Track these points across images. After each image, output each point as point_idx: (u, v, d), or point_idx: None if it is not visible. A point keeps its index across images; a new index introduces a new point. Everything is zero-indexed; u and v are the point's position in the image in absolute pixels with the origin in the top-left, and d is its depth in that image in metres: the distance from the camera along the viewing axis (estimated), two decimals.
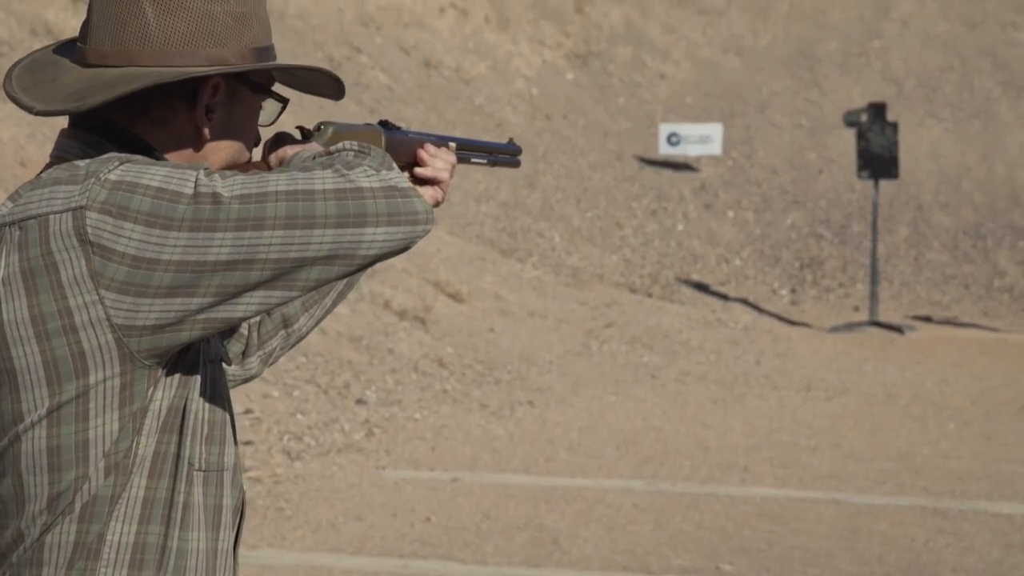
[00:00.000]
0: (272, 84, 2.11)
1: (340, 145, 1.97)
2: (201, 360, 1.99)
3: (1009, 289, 15.21)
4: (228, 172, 1.93)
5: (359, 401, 9.24)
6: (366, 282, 11.02)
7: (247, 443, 8.05)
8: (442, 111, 16.41)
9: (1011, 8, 20.52)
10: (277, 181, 1.88)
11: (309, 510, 7.31)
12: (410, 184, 1.92)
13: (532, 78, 17.87)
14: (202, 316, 1.89)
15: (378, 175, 1.89)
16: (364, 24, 17.15)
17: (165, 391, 1.95)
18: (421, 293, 11.22)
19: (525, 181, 15.68)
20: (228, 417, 2.04)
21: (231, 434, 2.04)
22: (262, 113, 2.09)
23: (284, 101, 2.10)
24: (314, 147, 2.10)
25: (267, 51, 2.05)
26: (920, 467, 8.69)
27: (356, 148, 1.94)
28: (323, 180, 1.87)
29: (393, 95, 16.24)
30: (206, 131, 2.01)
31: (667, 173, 16.54)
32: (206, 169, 1.91)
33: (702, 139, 16.29)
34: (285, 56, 14.79)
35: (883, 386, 11.00)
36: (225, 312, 1.90)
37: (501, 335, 11.11)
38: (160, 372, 1.95)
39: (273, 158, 2.10)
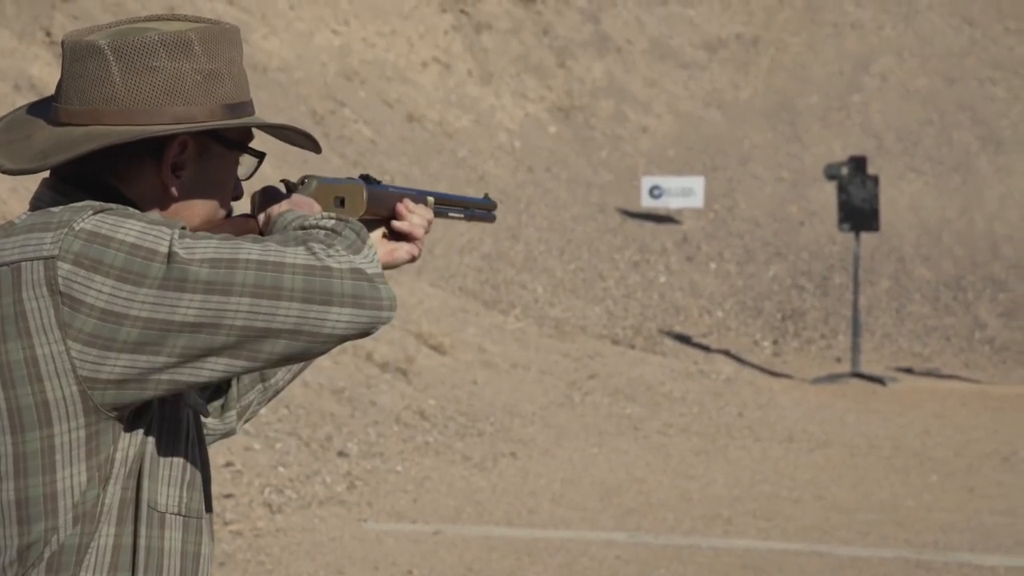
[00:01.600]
0: (250, 139, 2.11)
1: (316, 219, 1.98)
2: (170, 404, 1.98)
3: (990, 341, 15.29)
4: (204, 234, 1.93)
5: (341, 453, 9.19)
6: None
7: (228, 496, 8.00)
8: (425, 164, 16.47)
9: (989, 64, 20.73)
10: (250, 250, 1.89)
11: (290, 564, 7.25)
12: (379, 270, 1.94)
13: (515, 131, 17.99)
14: (166, 376, 1.90)
15: (349, 258, 1.91)
16: (347, 78, 17.22)
17: (133, 438, 1.95)
18: (403, 345, 11.21)
19: (508, 233, 15.74)
20: (200, 463, 2.02)
21: (202, 480, 2.01)
22: (240, 168, 2.09)
23: (260, 156, 2.10)
24: (299, 202, 2.10)
25: (241, 107, 2.05)
26: (903, 519, 8.69)
27: (331, 225, 1.96)
28: (295, 255, 1.89)
29: (376, 148, 16.28)
30: (173, 189, 2.02)
31: (649, 225, 16.67)
32: (183, 228, 1.92)
33: (684, 192, 16.42)
34: (267, 109, 14.88)
35: (865, 437, 11.02)
36: (189, 375, 1.90)
37: (484, 387, 11.09)
38: (128, 420, 1.94)
39: (263, 216, 2.10)
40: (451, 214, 2.43)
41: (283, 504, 8.13)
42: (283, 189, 2.17)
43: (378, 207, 2.26)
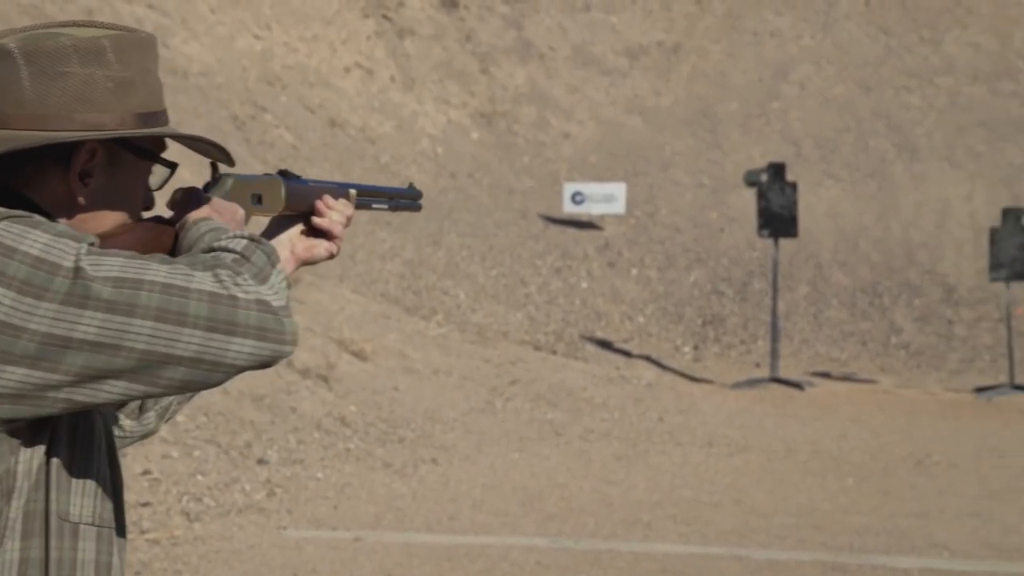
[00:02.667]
0: (162, 149, 2.08)
1: (228, 239, 1.96)
2: (82, 413, 1.95)
3: (905, 346, 15.46)
4: (114, 251, 1.90)
5: (260, 461, 9.12)
6: None
7: (145, 504, 7.91)
8: (347, 170, 16.40)
9: (904, 72, 20.99)
10: (157, 271, 1.86)
11: (208, 572, 7.17)
12: (284, 302, 1.92)
13: (437, 137, 17.96)
14: (63, 395, 1.86)
15: (256, 288, 1.89)
16: (269, 83, 17.11)
17: (36, 450, 1.91)
18: (325, 351, 11.14)
19: (430, 239, 15.71)
20: (113, 472, 1.99)
21: (116, 489, 1.99)
22: (152, 177, 2.07)
23: (172, 166, 2.08)
24: (219, 207, 2.07)
25: (153, 116, 2.02)
26: (820, 522, 8.75)
27: (240, 249, 1.94)
28: (202, 281, 1.87)
29: (298, 154, 16.19)
30: (80, 198, 1.98)
31: (571, 231, 16.69)
32: (92, 244, 1.89)
33: (606, 198, 16.49)
34: (187, 114, 14.73)
35: (783, 442, 11.11)
36: (86, 395, 1.87)
37: (405, 393, 11.06)
38: (30, 432, 1.91)
39: (180, 221, 2.07)
40: (375, 206, 2.40)
41: (201, 512, 8.05)
42: (211, 173, 2.14)
43: (297, 203, 2.22)
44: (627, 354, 14.63)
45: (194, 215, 2.06)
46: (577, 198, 16.42)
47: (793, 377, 13.78)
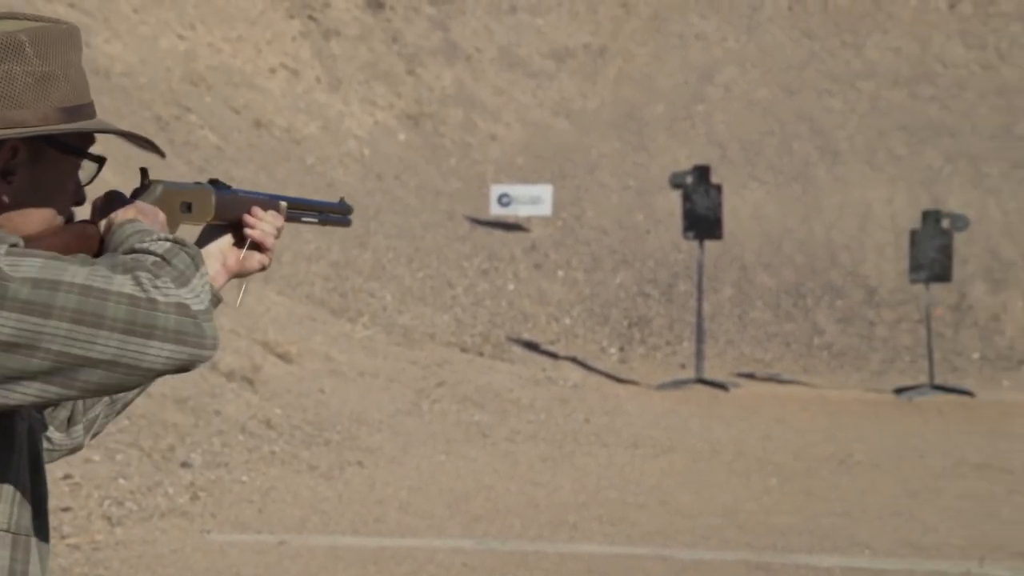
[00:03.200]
0: (90, 143, 2.04)
1: (150, 241, 1.93)
2: (1, 418, 1.91)
3: (828, 347, 15.59)
4: (34, 251, 1.87)
5: (184, 464, 9.04)
6: None
7: (66, 509, 7.80)
8: (272, 171, 16.29)
9: (827, 76, 21.20)
10: (76, 273, 1.84)
11: None
12: (204, 306, 1.90)
13: (364, 138, 17.91)
14: None
15: (176, 292, 1.87)
16: (193, 83, 16.96)
17: None
18: (250, 354, 11.06)
19: (356, 241, 15.64)
20: (34, 479, 1.96)
21: (37, 497, 1.95)
22: (80, 172, 2.03)
23: (100, 161, 2.04)
24: (143, 209, 2.04)
25: (78, 110, 1.99)
26: (744, 522, 8.80)
27: (162, 251, 1.91)
28: (121, 283, 1.84)
29: (223, 155, 16.06)
30: (4, 196, 1.95)
31: (498, 233, 16.70)
32: (13, 245, 1.85)
33: (532, 200, 16.53)
34: (110, 115, 14.58)
35: (708, 443, 11.17)
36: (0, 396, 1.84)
37: (331, 395, 11.00)
38: None
39: (104, 223, 2.04)
40: (305, 219, 2.37)
41: (123, 517, 7.96)
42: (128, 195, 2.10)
43: (228, 213, 2.21)
44: (554, 356, 14.66)
45: (120, 216, 2.03)
46: (504, 200, 16.46)
47: (718, 378, 13.84)
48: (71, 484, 8.18)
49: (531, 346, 14.73)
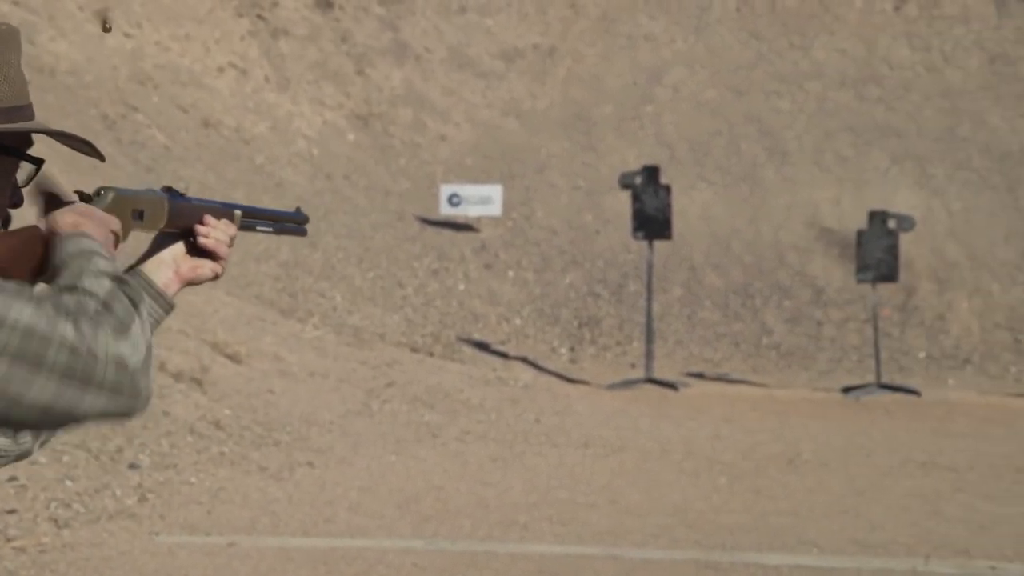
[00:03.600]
0: (28, 145, 2.02)
1: (89, 284, 1.92)
2: None
3: (776, 346, 15.69)
4: None
5: (132, 466, 8.97)
6: None
7: (11, 511, 7.72)
8: (221, 171, 16.20)
9: (775, 77, 21.33)
10: (21, 311, 1.83)
11: None
12: (141, 357, 1.91)
13: (313, 138, 17.86)
14: None
15: (116, 345, 1.88)
16: (140, 82, 16.83)
17: None
18: (198, 354, 10.99)
19: (306, 241, 15.58)
20: None
21: None
22: (18, 174, 2.01)
23: (38, 163, 2.02)
24: (86, 212, 2.02)
25: (16, 111, 1.97)
26: (693, 521, 8.85)
27: (104, 295, 1.91)
28: (64, 330, 1.85)
29: (171, 154, 15.95)
30: None
31: (448, 233, 16.71)
32: None
33: (482, 200, 16.55)
34: (55, 113, 14.44)
35: (658, 442, 11.20)
36: None
37: (281, 396, 10.95)
38: None
39: (46, 222, 2.01)
40: (259, 228, 2.37)
41: (70, 519, 7.89)
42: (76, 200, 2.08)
43: (180, 220, 2.20)
44: (504, 356, 14.68)
45: (68, 227, 2.01)
46: (454, 200, 16.49)
47: (668, 378, 13.92)
48: (16, 486, 8.10)
49: (481, 346, 14.74)
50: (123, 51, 17.18)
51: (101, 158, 2.06)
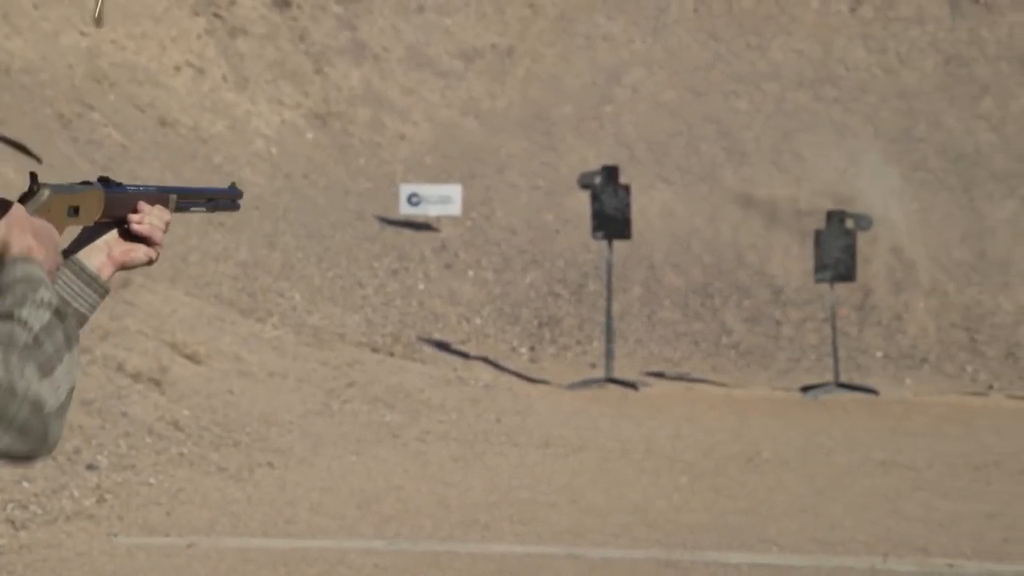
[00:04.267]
0: None
1: (27, 315, 1.91)
2: None
3: (735, 346, 15.80)
4: None
5: (90, 466, 8.91)
6: (98, 344, 10.67)
7: None
8: (179, 170, 16.12)
9: (733, 78, 21.43)
10: None
11: None
12: (59, 402, 1.91)
13: (271, 137, 17.82)
14: None
15: (36, 386, 1.88)
16: (97, 81, 16.73)
17: None
18: (157, 354, 10.94)
19: (265, 240, 15.56)
20: None
21: None
22: None
23: None
24: (17, 218, 2.00)
25: None
26: (654, 520, 8.90)
27: (38, 331, 1.91)
28: None
29: (128, 153, 15.85)
30: None
31: (408, 233, 16.73)
32: None
33: (442, 199, 16.59)
34: (10, 112, 14.31)
35: (619, 441, 11.24)
36: None
37: (240, 396, 10.92)
38: None
39: None
40: (193, 208, 2.38)
41: (27, 520, 7.83)
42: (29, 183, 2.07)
43: (116, 210, 2.20)
44: (465, 355, 14.69)
45: (16, 247, 1.99)
46: (413, 199, 16.53)
47: (628, 377, 13.98)
48: None
49: (442, 346, 14.74)
50: (79, 49, 17.06)
51: (38, 159, 2.06)
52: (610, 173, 14.32)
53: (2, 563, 7.18)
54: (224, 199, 2.46)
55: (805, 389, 14.10)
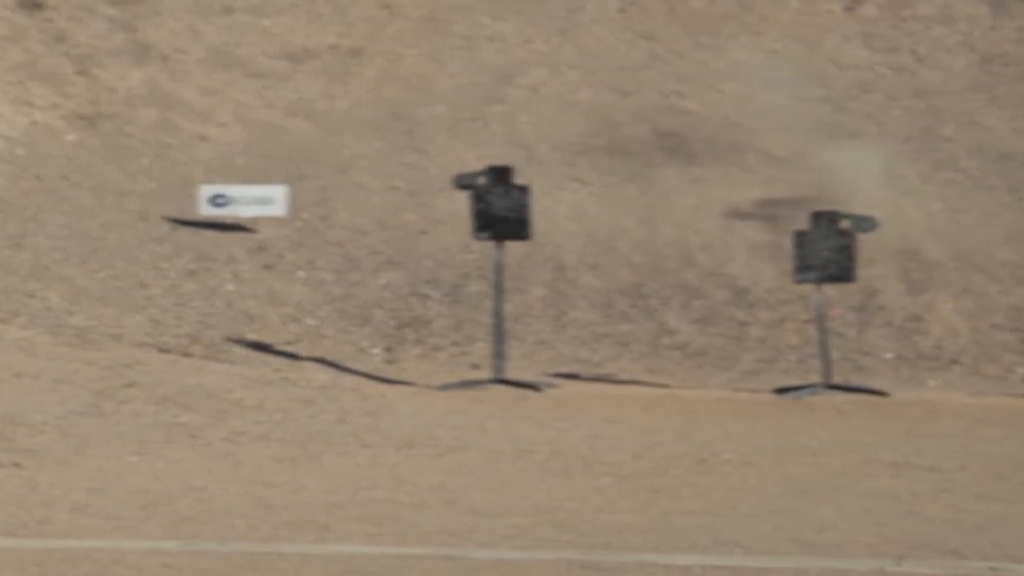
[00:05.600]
0: None
1: None
2: None
3: (681, 347, 16.92)
4: None
5: None
6: None
7: None
8: None
9: (675, 78, 22.44)
10: None
11: None
12: None
13: (17, 139, 18.67)
14: None
15: None
16: None
17: None
18: None
19: (11, 242, 16.79)
20: None
21: None
22: None
23: None
24: None
25: None
26: (564, 521, 9.54)
27: None
28: None
29: None
30: None
31: (210, 234, 17.89)
32: None
33: (260, 200, 18.06)
34: None
35: (513, 443, 12.06)
36: None
37: None
38: None
39: None
40: None
41: None
42: None
43: None
44: (293, 356, 15.87)
45: None
46: (219, 201, 17.88)
47: (527, 378, 15.39)
48: None
49: (260, 347, 16.04)
50: None
51: None
52: (498, 173, 16.32)
53: None
54: None
55: (783, 390, 15.47)
